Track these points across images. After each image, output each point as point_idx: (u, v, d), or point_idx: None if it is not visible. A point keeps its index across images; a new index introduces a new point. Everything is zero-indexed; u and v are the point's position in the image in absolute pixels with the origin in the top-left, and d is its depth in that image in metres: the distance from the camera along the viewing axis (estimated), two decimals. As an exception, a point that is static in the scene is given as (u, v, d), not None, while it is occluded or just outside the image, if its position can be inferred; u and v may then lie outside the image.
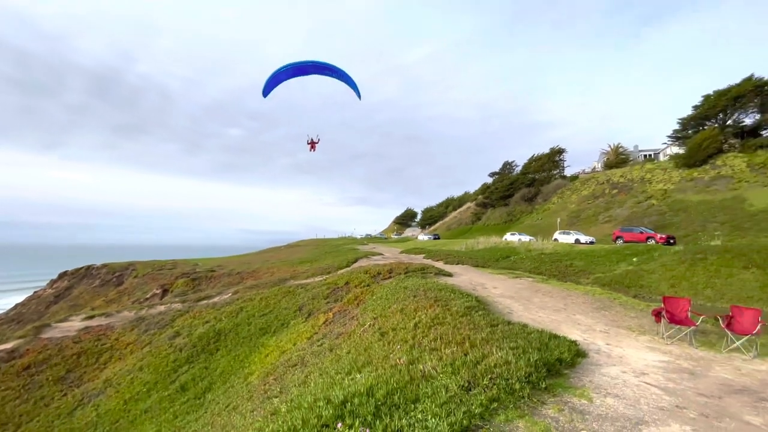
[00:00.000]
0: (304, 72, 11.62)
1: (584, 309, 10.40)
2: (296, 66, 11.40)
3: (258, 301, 16.79)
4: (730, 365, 6.50)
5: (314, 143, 13.34)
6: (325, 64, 11.66)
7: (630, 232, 28.34)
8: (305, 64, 11.53)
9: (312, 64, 11.58)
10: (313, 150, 13.50)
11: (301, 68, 11.51)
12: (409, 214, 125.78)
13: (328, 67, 11.69)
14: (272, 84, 11.69)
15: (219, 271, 39.14)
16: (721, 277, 16.64)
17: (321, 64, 11.64)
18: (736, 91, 40.96)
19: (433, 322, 7.58)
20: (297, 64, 11.41)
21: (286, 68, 11.36)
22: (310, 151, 13.58)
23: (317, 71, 11.75)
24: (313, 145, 13.38)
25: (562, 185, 58.58)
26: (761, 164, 36.48)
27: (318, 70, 11.73)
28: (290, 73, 11.51)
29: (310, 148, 13.45)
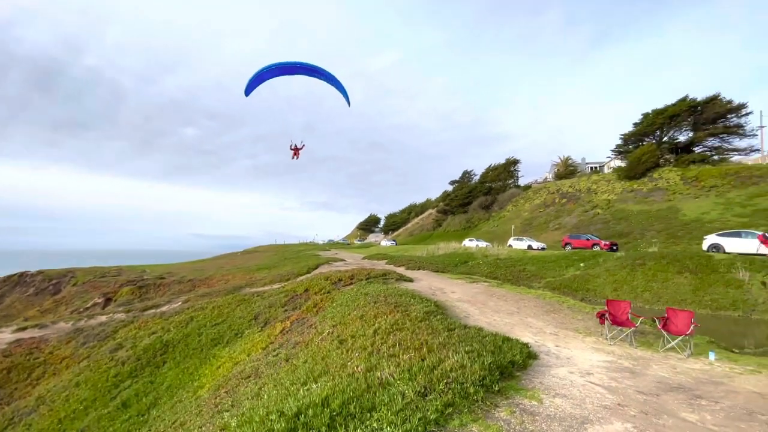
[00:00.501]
0: (291, 72, 11.22)
1: (536, 312, 10.84)
2: (282, 66, 10.98)
3: (210, 309, 15.96)
4: (666, 364, 7.00)
5: (298, 149, 12.78)
6: (313, 67, 11.24)
7: (578, 239, 30.10)
8: (292, 65, 11.12)
9: (300, 65, 11.19)
10: (296, 157, 12.89)
11: (287, 68, 11.10)
12: (373, 220, 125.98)
13: (316, 69, 11.29)
14: (255, 83, 11.17)
15: (169, 278, 36.91)
16: (658, 281, 18.05)
17: (309, 66, 11.22)
18: (672, 110, 45.04)
19: (393, 327, 7.55)
20: (284, 64, 10.98)
21: (270, 68, 10.90)
22: (293, 158, 12.92)
23: (304, 72, 11.35)
24: (296, 152, 12.79)
25: (516, 194, 61.30)
26: (693, 178, 40.22)
27: (305, 71, 11.32)
28: (275, 72, 11.07)
29: (293, 155, 12.83)
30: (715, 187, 37.27)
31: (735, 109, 42.16)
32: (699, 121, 44.29)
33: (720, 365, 7.06)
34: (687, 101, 44.18)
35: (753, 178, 35.70)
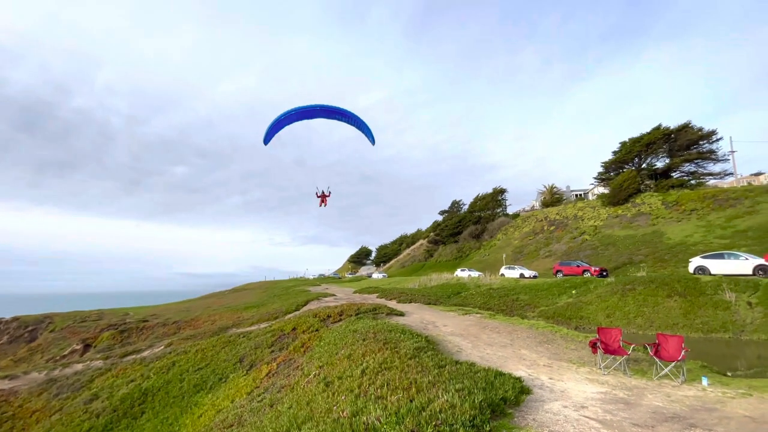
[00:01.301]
0: (310, 116, 10.75)
1: (529, 343, 10.63)
2: (302, 110, 10.50)
3: (193, 353, 15.28)
4: (660, 392, 6.84)
5: (325, 196, 12.13)
6: (335, 108, 10.71)
7: (568, 265, 30.22)
8: (312, 108, 10.61)
9: (320, 108, 10.68)
10: (324, 204, 12.20)
11: (306, 112, 10.61)
12: (364, 252, 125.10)
13: (338, 111, 10.75)
14: (274, 130, 10.73)
15: (153, 320, 35.57)
16: (649, 306, 18.03)
17: (330, 108, 10.70)
18: (648, 138, 46.97)
19: (381, 367, 7.30)
20: (303, 108, 10.47)
21: (289, 113, 10.47)
22: (320, 205, 12.20)
23: (325, 115, 10.86)
24: (323, 199, 12.13)
25: (505, 222, 61.94)
26: (674, 202, 41.33)
27: (325, 114, 10.83)
28: (293, 117, 10.60)
29: (320, 203, 12.15)
30: (695, 210, 38.26)
31: (706, 136, 44.18)
32: (674, 148, 46.19)
33: (713, 390, 6.94)
34: (661, 129, 46.23)
35: (730, 201, 36.83)
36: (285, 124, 10.77)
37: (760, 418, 5.45)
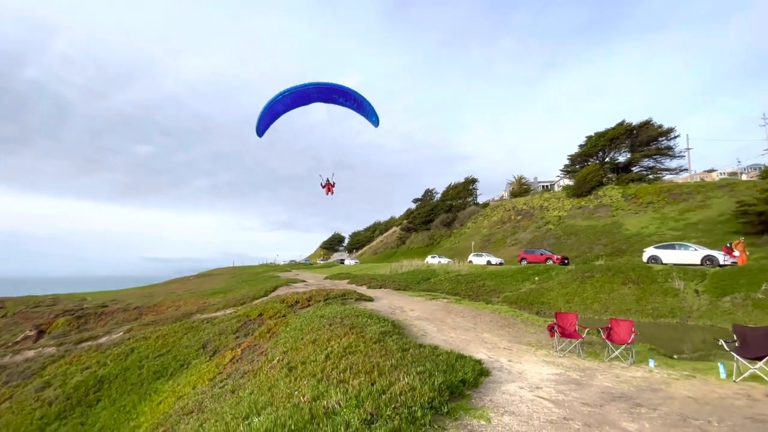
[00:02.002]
0: (306, 99, 9.30)
1: (491, 327, 10.97)
2: (296, 92, 9.02)
3: (154, 339, 14.76)
4: (610, 373, 7.24)
5: (331, 185, 11.55)
6: (333, 86, 9.26)
7: (532, 253, 31.32)
8: (307, 89, 9.07)
9: (316, 88, 9.13)
10: (331, 193, 11.62)
11: (302, 94, 9.13)
12: (337, 239, 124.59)
13: (337, 89, 9.30)
14: (267, 118, 9.37)
15: (112, 306, 34.01)
16: (605, 292, 19.01)
17: (328, 86, 9.24)
18: (611, 133, 48.91)
19: (345, 351, 7.29)
20: (297, 89, 8.98)
21: (282, 96, 8.98)
22: (327, 194, 11.64)
23: (323, 97, 9.36)
24: (329, 188, 11.56)
25: (475, 211, 63.27)
26: (633, 195, 43.49)
27: (324, 95, 9.35)
28: (289, 101, 9.22)
29: (326, 192, 11.60)
30: (651, 203, 40.46)
31: (665, 133, 46.54)
32: (635, 143, 48.41)
33: (659, 372, 7.41)
34: (624, 125, 48.23)
35: (683, 195, 39.19)
36: (281, 111, 9.47)
37: (701, 398, 5.86)
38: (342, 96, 9.34)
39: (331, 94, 9.29)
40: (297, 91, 8.91)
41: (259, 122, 9.35)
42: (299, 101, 9.25)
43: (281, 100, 9.05)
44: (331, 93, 9.26)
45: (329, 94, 9.26)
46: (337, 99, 9.42)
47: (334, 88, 9.19)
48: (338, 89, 9.23)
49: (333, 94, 9.27)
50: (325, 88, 9.15)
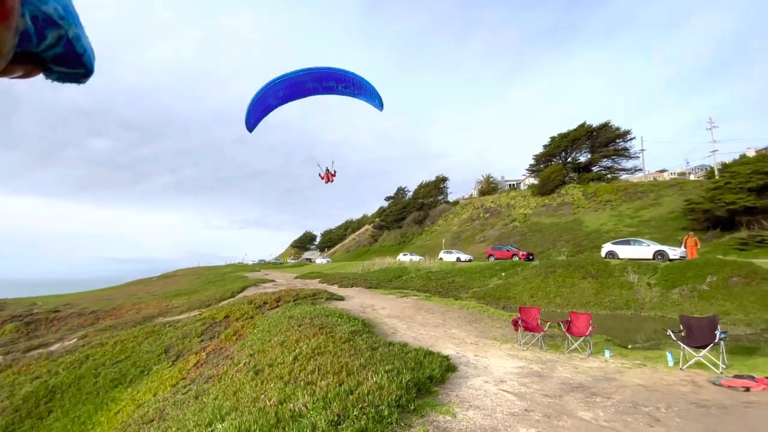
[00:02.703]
0: (302, 91, 8.04)
1: (459, 323, 11.21)
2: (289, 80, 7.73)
3: (111, 345, 14.00)
4: (570, 365, 7.59)
5: (332, 174, 10.93)
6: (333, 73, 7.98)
7: (499, 250, 32.24)
8: (300, 78, 7.76)
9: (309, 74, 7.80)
10: (331, 181, 11.02)
11: (296, 84, 7.83)
12: (308, 237, 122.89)
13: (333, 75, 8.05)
14: (258, 112, 8.16)
15: (66, 310, 31.92)
16: (567, 287, 19.87)
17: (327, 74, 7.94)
18: (573, 134, 51.12)
19: (314, 352, 7.22)
20: (290, 77, 7.69)
21: (274, 86, 7.76)
22: (326, 183, 11.10)
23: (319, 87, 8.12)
24: (329, 177, 10.96)
25: (446, 209, 64.37)
26: (592, 194, 45.68)
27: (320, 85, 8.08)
28: (282, 94, 7.98)
29: (326, 181, 11.02)
30: (609, 201, 42.68)
31: (622, 135, 49.18)
32: (595, 144, 50.88)
33: (614, 361, 7.85)
34: (585, 127, 50.54)
35: (638, 194, 41.60)
36: (273, 105, 8.23)
37: (651, 386, 6.25)
38: (342, 82, 8.17)
39: (328, 82, 8.09)
40: (290, 80, 7.71)
41: (248, 115, 8.13)
42: (294, 93, 8.06)
43: (272, 91, 7.87)
44: (329, 80, 8.06)
45: (326, 81, 8.07)
46: (335, 88, 8.25)
47: (332, 73, 7.98)
48: (336, 74, 8.06)
49: (330, 81, 8.08)
50: (321, 74, 7.87)
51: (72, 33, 0.43)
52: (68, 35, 0.43)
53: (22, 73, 0.45)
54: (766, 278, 16.00)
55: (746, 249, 23.43)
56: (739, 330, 13.66)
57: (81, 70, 0.50)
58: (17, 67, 0.43)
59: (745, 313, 14.60)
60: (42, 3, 0.38)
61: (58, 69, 0.47)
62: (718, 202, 28.11)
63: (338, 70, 7.98)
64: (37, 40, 0.40)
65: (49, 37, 0.41)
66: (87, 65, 0.49)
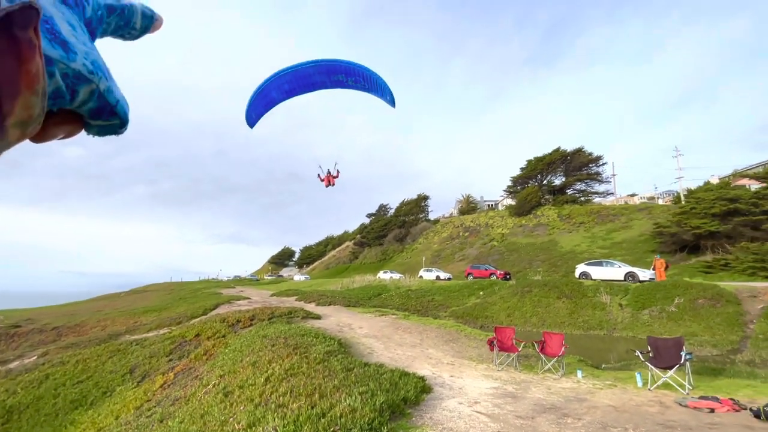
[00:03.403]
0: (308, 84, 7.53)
1: (437, 342, 11.20)
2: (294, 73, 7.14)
3: (73, 364, 13.23)
4: (543, 385, 7.67)
5: (332, 177, 10.30)
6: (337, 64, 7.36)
7: (478, 269, 32.63)
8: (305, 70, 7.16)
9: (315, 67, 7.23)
10: (332, 184, 10.44)
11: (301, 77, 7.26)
12: (287, 253, 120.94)
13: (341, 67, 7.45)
14: (260, 107, 7.60)
15: (27, 326, 30.04)
16: (542, 306, 20.22)
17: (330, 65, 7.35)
18: (548, 158, 52.97)
19: (287, 373, 7.05)
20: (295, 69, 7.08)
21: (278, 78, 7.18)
22: (326, 186, 10.51)
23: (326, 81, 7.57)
24: (330, 179, 10.34)
25: (427, 227, 64.90)
26: (567, 215, 47.11)
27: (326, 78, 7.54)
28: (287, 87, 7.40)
29: (326, 184, 10.44)
30: (583, 223, 44.07)
31: (594, 160, 51.32)
32: (569, 168, 52.84)
33: (585, 382, 7.99)
34: (560, 151, 52.52)
35: (610, 217, 43.17)
36: (276, 99, 7.63)
37: (620, 406, 6.38)
38: (350, 75, 7.63)
39: (336, 76, 7.56)
40: (295, 72, 7.14)
41: (249, 110, 7.59)
42: (299, 87, 7.51)
43: (276, 84, 7.32)
44: (336, 73, 7.52)
45: (333, 75, 7.55)
46: (344, 81, 7.73)
47: (339, 65, 7.44)
48: (344, 67, 7.51)
49: (338, 74, 7.53)
50: (328, 66, 7.34)
51: (103, 86, 0.43)
52: (100, 89, 0.43)
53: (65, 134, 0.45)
54: (730, 301, 16.74)
55: (711, 272, 24.52)
56: (706, 351, 14.17)
57: (116, 120, 0.50)
58: (58, 130, 0.43)
59: (711, 334, 15.17)
60: (70, 60, 0.38)
61: (96, 123, 0.48)
62: (685, 226, 29.48)
63: (348, 63, 7.46)
64: (69, 97, 0.40)
65: (81, 93, 0.42)
66: (121, 116, 0.49)
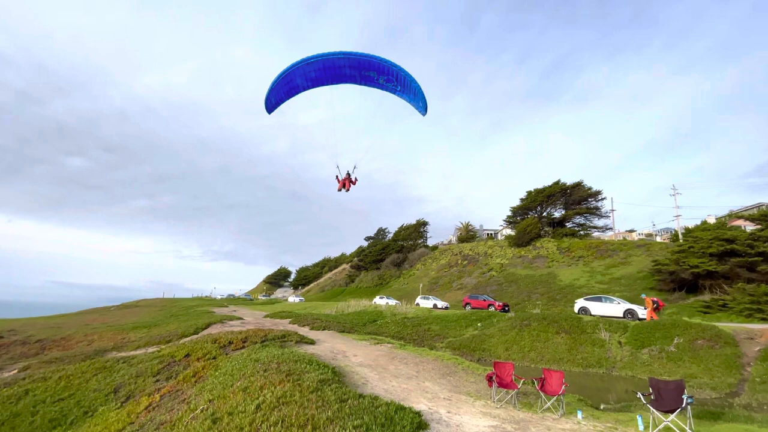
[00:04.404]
0: (337, 75, 7.01)
1: (433, 375, 10.89)
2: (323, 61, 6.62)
3: (55, 380, 12.77)
4: (542, 425, 7.41)
5: (350, 181, 9.57)
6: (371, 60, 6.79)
7: (476, 299, 32.24)
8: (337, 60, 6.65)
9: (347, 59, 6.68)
10: (346, 189, 9.75)
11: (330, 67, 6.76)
12: (283, 273, 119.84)
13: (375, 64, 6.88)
14: (282, 92, 7.17)
15: (9, 337, 29.22)
16: (541, 341, 19.83)
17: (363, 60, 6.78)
18: (548, 190, 53.49)
19: (279, 401, 6.81)
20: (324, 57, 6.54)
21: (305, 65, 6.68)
22: (339, 189, 9.81)
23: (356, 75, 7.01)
24: (347, 183, 9.63)
25: (425, 254, 64.61)
26: (566, 248, 47.04)
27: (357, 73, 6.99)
28: (313, 75, 6.86)
29: (340, 187, 9.75)
30: (582, 257, 43.96)
31: (594, 194, 51.82)
32: (569, 201, 53.27)
33: (586, 423, 7.72)
34: (559, 184, 53.12)
35: (609, 252, 43.11)
36: (300, 87, 7.12)
37: (619, 449, 6.15)
38: (384, 75, 7.14)
39: (368, 72, 7.10)
40: (325, 61, 6.66)
41: (270, 94, 7.12)
42: (327, 77, 7.01)
43: (302, 71, 6.82)
44: (369, 70, 7.07)
45: (366, 71, 7.08)
46: (375, 79, 7.24)
47: (372, 62, 6.97)
48: (379, 65, 7.03)
49: (370, 71, 7.08)
50: (362, 61, 6.90)
51: None
52: None
53: None
54: (728, 342, 16.49)
55: (710, 312, 24.25)
56: (705, 394, 13.83)
57: None
58: None
59: (710, 376, 14.84)
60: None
61: None
62: (683, 264, 29.40)
63: (382, 61, 6.97)
64: None
65: None
66: None
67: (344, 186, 9.70)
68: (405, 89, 7.31)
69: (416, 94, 7.17)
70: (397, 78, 7.08)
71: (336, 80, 7.12)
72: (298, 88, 7.26)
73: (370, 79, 7.24)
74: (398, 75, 6.98)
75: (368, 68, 7.06)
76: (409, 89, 7.27)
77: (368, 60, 6.88)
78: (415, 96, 7.27)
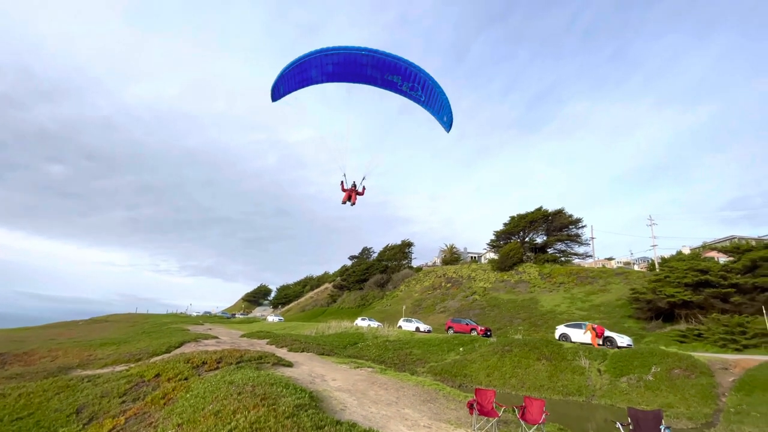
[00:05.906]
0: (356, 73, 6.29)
1: (413, 402, 10.65)
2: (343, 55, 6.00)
3: (14, 398, 11.94)
4: (522, 455, 7.28)
5: (356, 192, 8.80)
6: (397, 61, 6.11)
7: (459, 323, 32.07)
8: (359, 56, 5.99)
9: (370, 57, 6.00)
10: (352, 203, 8.99)
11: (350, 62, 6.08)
12: (263, 291, 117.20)
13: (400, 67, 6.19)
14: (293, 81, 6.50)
15: (-36, 353, 27.41)
16: (522, 368, 19.76)
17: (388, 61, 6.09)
18: (531, 216, 54.53)
19: (252, 427, 6.53)
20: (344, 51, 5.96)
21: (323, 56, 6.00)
22: (343, 202, 9.03)
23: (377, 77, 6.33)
24: (353, 195, 8.84)
25: (409, 275, 64.34)
26: (547, 274, 47.61)
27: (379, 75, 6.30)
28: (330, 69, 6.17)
29: (345, 198, 8.93)
30: (563, 283, 44.53)
31: (574, 222, 53.06)
32: (550, 228, 54.35)
33: (566, 455, 7.62)
34: (541, 211, 54.27)
35: (589, 279, 43.82)
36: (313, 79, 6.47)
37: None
38: (408, 80, 6.43)
39: (390, 76, 6.38)
40: (346, 55, 5.99)
41: (279, 81, 6.45)
42: (345, 73, 6.31)
43: (318, 62, 6.12)
44: (393, 73, 6.34)
45: (389, 74, 6.36)
46: (397, 85, 6.53)
47: (398, 65, 6.23)
48: (403, 69, 6.27)
49: (393, 74, 6.36)
50: (387, 63, 6.16)
51: None
52: None
53: None
54: (704, 372, 16.76)
55: (686, 341, 24.69)
56: (682, 423, 13.92)
57: None
58: None
59: (686, 406, 14.98)
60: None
61: None
62: (660, 293, 30.06)
63: (409, 65, 6.27)
64: None
65: None
66: None
67: (349, 198, 9.02)
68: (430, 100, 6.71)
69: (443, 107, 6.66)
70: (423, 87, 6.47)
71: (354, 79, 6.51)
72: (311, 80, 6.65)
73: (391, 83, 6.61)
74: (425, 84, 6.43)
75: (392, 71, 6.40)
76: (435, 101, 6.65)
77: (394, 62, 6.24)
78: (441, 109, 6.73)
